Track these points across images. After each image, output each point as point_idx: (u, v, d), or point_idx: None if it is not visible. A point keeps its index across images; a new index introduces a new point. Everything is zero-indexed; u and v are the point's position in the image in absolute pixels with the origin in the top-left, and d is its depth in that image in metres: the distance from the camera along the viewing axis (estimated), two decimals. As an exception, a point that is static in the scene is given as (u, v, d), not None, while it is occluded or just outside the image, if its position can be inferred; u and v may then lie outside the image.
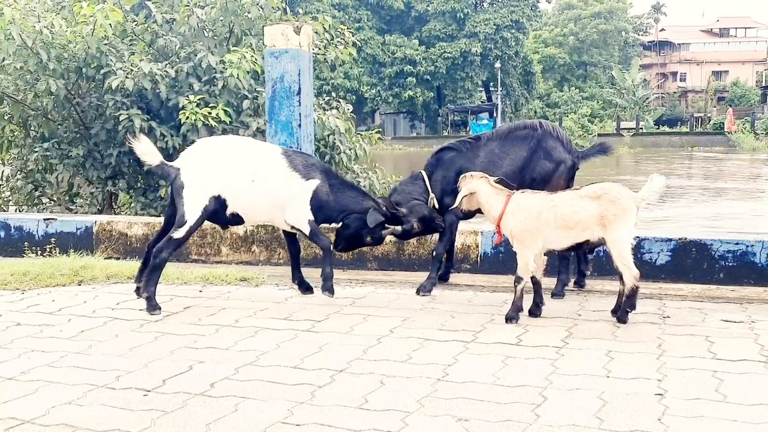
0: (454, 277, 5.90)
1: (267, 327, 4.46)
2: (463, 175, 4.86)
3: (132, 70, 8.04)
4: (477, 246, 6.29)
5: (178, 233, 4.84)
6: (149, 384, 3.44)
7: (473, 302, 5.06)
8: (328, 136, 8.94)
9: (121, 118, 8.00)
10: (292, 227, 5.19)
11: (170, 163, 4.98)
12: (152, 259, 4.87)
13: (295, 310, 4.87)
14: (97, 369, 3.67)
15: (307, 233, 5.15)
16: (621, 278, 4.47)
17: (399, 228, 5.31)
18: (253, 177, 4.98)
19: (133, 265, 6.00)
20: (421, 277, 5.86)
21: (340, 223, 5.33)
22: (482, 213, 4.91)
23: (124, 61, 8.35)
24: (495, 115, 54.68)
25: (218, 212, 4.99)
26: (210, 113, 7.83)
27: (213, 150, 5.04)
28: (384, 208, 5.24)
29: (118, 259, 6.67)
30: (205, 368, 3.68)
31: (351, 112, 9.87)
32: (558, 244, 4.53)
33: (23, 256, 6.58)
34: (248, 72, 8.28)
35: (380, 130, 12.17)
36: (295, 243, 5.44)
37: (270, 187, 5.02)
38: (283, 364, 3.73)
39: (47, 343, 4.13)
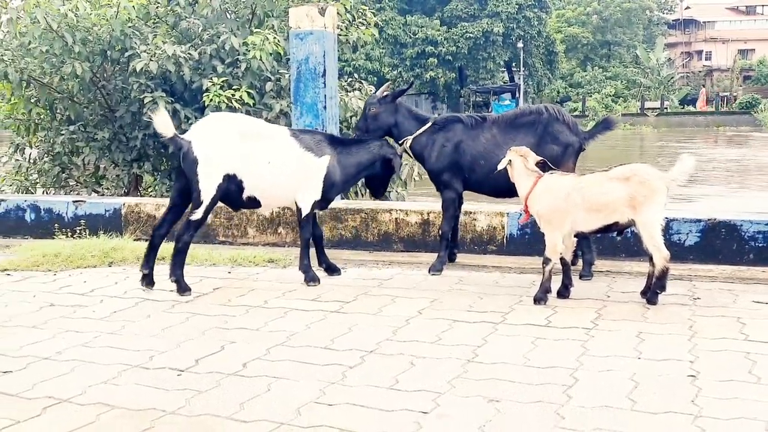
0: (480, 259, 5.90)
1: (296, 308, 4.49)
2: (510, 148, 4.86)
3: (156, 53, 8.07)
4: (503, 227, 6.27)
5: (196, 215, 4.79)
6: (182, 364, 3.49)
7: (501, 284, 5.06)
8: (351, 117, 8.93)
9: (145, 101, 8.04)
10: (297, 205, 5.14)
11: (182, 136, 4.86)
12: (175, 244, 4.86)
13: (323, 292, 4.89)
14: (130, 349, 3.72)
15: (305, 213, 5.11)
16: (650, 259, 4.44)
17: (376, 97, 5.67)
18: (269, 158, 4.92)
19: (164, 247, 6.06)
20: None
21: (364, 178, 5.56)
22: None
23: (148, 43, 8.38)
24: (517, 95, 54.25)
25: (233, 194, 4.90)
26: (233, 95, 7.84)
27: (227, 125, 4.92)
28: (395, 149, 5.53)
29: (146, 240, 6.71)
30: (237, 348, 3.72)
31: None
32: (586, 226, 4.50)
33: (53, 238, 6.66)
34: (271, 54, 8.26)
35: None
36: (317, 226, 5.40)
37: (285, 169, 4.97)
38: (314, 345, 3.76)
39: (81, 324, 4.19)
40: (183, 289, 4.81)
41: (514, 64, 61.44)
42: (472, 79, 59.27)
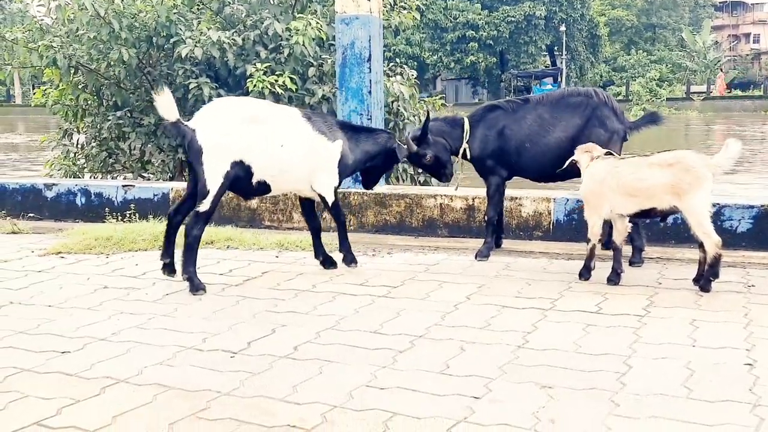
0: (526, 245, 5.86)
1: (344, 292, 4.51)
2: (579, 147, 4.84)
3: (200, 39, 8.15)
4: (549, 213, 6.22)
5: (203, 206, 4.57)
6: (235, 346, 3.53)
7: (548, 270, 5.02)
8: (393, 102, 8.93)
9: (190, 87, 8.13)
10: (319, 195, 5.02)
11: (186, 123, 4.60)
12: (185, 239, 4.63)
13: (370, 276, 4.91)
14: (183, 331, 3.78)
15: (330, 202, 5.04)
16: (701, 246, 4.37)
17: (414, 147, 5.34)
18: (281, 141, 4.75)
19: (210, 231, 6.14)
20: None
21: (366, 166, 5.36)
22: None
23: (193, 29, 8.47)
24: (559, 79, 53.54)
25: (242, 180, 4.68)
26: (276, 81, 7.89)
27: (233, 111, 4.70)
28: (404, 143, 5.35)
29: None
30: (288, 332, 3.76)
31: (414, 78, 9.86)
32: (624, 209, 4.49)
33: (104, 222, 6.78)
34: (313, 39, 8.29)
35: (443, 96, 12.11)
36: (316, 218, 5.27)
37: (298, 153, 4.81)
38: (363, 329, 3.78)
39: (134, 306, 4.27)
40: (196, 287, 4.54)
41: (556, 48, 60.67)
42: (513, 63, 58.70)
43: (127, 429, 2.67)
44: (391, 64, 9.92)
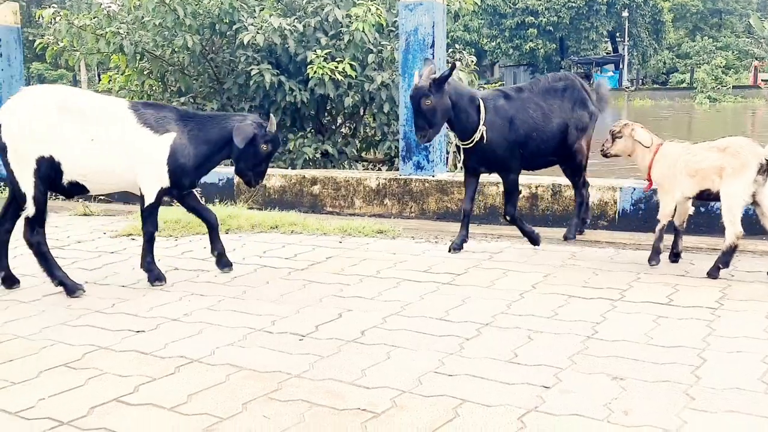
0: (591, 234, 5.77)
1: (408, 278, 4.52)
2: (622, 122, 4.87)
3: (262, 26, 8.23)
4: (615, 202, 6.11)
5: (28, 210, 4.15)
6: (303, 329, 3.58)
7: (615, 260, 4.94)
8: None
9: (252, 73, 8.22)
10: (142, 193, 4.39)
11: None
12: (33, 250, 4.25)
13: (434, 263, 4.91)
14: (252, 313, 3.85)
15: (148, 202, 4.37)
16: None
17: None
18: (92, 135, 4.17)
19: (274, 216, 6.24)
20: (556, 233, 5.78)
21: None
22: None
23: (255, 16, 8.55)
24: (621, 66, 52.51)
25: (52, 179, 4.17)
26: (336, 67, 7.93)
27: (40, 100, 4.15)
28: (251, 123, 4.48)
29: (259, 209, 6.92)
30: (354, 316, 3.79)
31: (474, 64, 9.79)
32: (688, 191, 4.57)
33: (171, 205, 6.92)
34: (373, 25, 8.29)
35: (501, 83, 11.98)
36: (209, 212, 4.75)
37: (114, 148, 4.21)
38: (429, 315, 3.79)
39: (204, 288, 4.37)
40: (70, 290, 4.21)
41: (618, 34, 59.40)
42: (573, 50, 57.70)
43: (202, 407, 2.73)
44: (450, 50, 9.86)
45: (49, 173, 4.14)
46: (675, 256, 4.80)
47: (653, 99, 49.39)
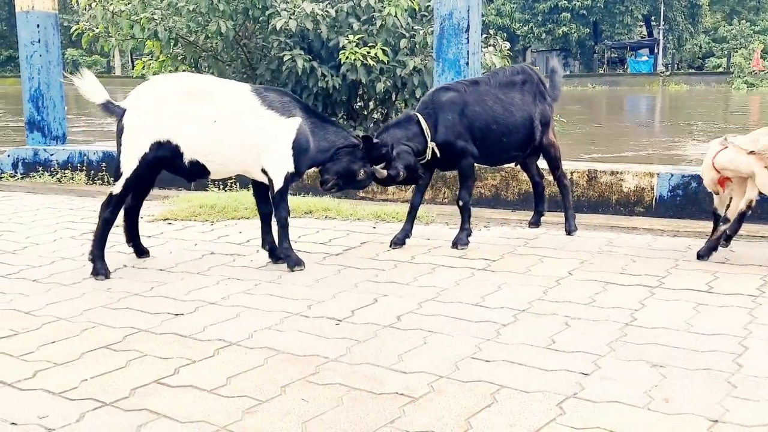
0: (628, 221, 5.72)
1: (443, 264, 4.52)
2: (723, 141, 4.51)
3: (295, 11, 8.22)
4: (652, 188, 6.03)
5: (116, 188, 4.35)
6: (339, 314, 3.60)
7: (653, 247, 4.88)
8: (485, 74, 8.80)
9: (284, 59, 8.23)
10: (267, 177, 4.45)
11: (117, 102, 4.39)
12: (98, 218, 4.43)
13: (469, 249, 4.89)
14: (289, 298, 3.87)
15: (277, 188, 4.40)
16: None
17: (384, 172, 4.66)
18: (215, 117, 4.30)
19: (308, 201, 6.26)
20: (592, 219, 5.72)
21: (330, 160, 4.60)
22: None
23: (288, 2, 8.54)
24: (656, 51, 51.67)
25: (171, 161, 4.33)
26: (368, 53, 7.90)
27: (164, 87, 4.38)
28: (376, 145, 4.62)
29: (292, 195, 6.93)
30: (390, 301, 3.80)
31: (507, 49, 9.70)
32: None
33: (206, 190, 7.00)
34: (406, 10, 8.24)
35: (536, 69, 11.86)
36: (267, 203, 4.63)
37: (238, 128, 4.34)
38: (464, 301, 3.78)
39: (241, 272, 4.40)
40: (96, 271, 4.32)
41: (653, 18, 58.43)
42: (607, 34, 56.92)
43: (241, 390, 2.75)
44: (484, 35, 9.77)
45: (162, 158, 4.31)
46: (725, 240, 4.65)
47: (688, 84, 48.57)
